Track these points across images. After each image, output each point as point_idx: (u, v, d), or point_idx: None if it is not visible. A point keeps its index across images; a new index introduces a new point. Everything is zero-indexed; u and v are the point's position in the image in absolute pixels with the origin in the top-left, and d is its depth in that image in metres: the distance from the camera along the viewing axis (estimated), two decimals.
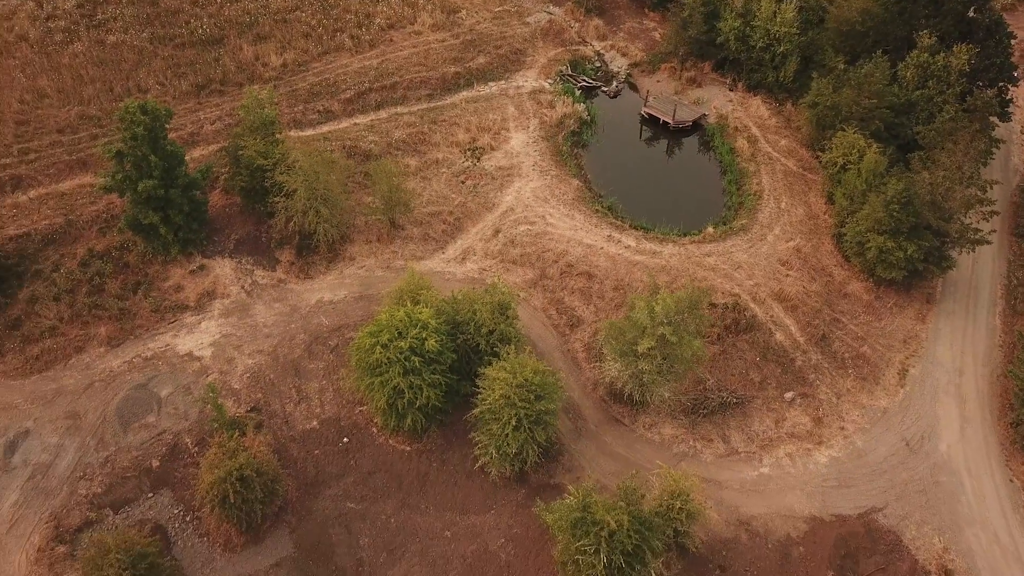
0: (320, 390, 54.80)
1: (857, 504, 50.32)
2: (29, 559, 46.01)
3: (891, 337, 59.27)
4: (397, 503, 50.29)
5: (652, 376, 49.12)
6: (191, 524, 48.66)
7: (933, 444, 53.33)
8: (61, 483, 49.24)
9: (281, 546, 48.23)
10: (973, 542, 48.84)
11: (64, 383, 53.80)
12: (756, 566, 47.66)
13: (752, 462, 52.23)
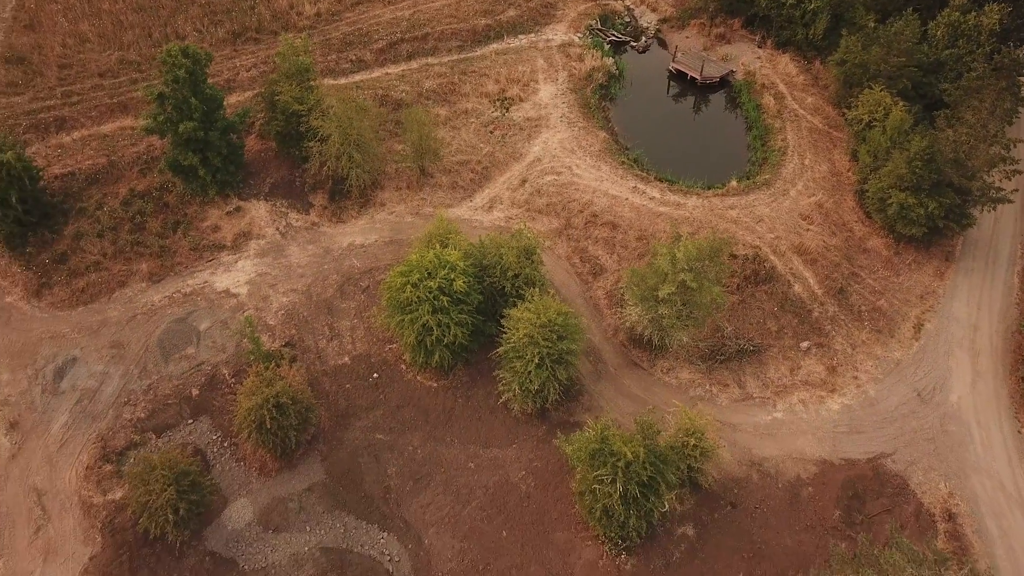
0: (351, 328, 57.02)
1: (866, 449, 51.99)
2: (78, 475, 48.96)
3: (908, 292, 60.32)
4: (423, 435, 52.66)
5: (672, 321, 50.73)
6: (228, 450, 51.39)
7: (944, 395, 54.67)
8: (107, 407, 52.04)
9: (313, 472, 50.87)
10: (978, 488, 50.42)
11: (108, 315, 56.42)
12: (766, 504, 49.63)
13: (766, 407, 53.95)
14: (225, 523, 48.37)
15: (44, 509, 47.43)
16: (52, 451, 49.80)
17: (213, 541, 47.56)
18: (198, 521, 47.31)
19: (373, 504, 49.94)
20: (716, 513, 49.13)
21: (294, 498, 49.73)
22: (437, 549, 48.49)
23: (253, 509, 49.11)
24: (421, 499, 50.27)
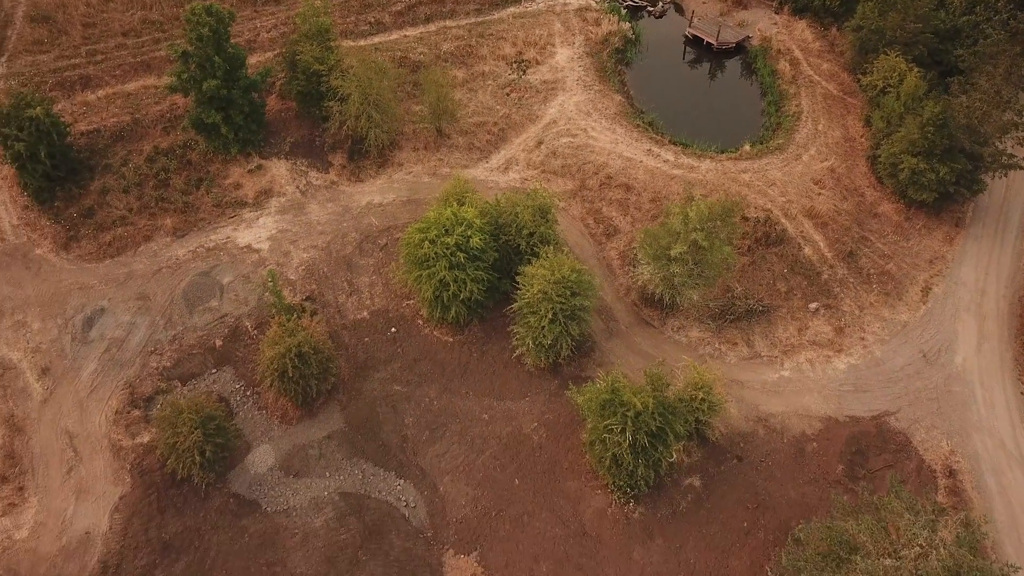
0: (370, 284, 58.52)
1: (871, 407, 53.27)
2: (108, 420, 50.91)
3: (918, 257, 61.18)
4: (439, 388, 54.30)
5: (683, 279, 51.92)
6: (251, 398, 53.20)
7: (949, 357, 55.77)
8: (134, 356, 53.88)
9: (333, 421, 52.65)
10: (979, 447, 51.69)
11: (134, 268, 58.08)
12: (771, 458, 51.11)
13: (774, 365, 55.23)
14: (248, 467, 50.29)
15: (75, 451, 49.45)
16: (82, 396, 51.73)
17: (237, 484, 49.52)
18: (223, 464, 49.25)
19: (390, 452, 51.73)
20: (722, 466, 50.67)
21: (314, 445, 51.56)
22: (452, 496, 50.30)
23: (275, 455, 50.99)
24: (436, 448, 52.00)
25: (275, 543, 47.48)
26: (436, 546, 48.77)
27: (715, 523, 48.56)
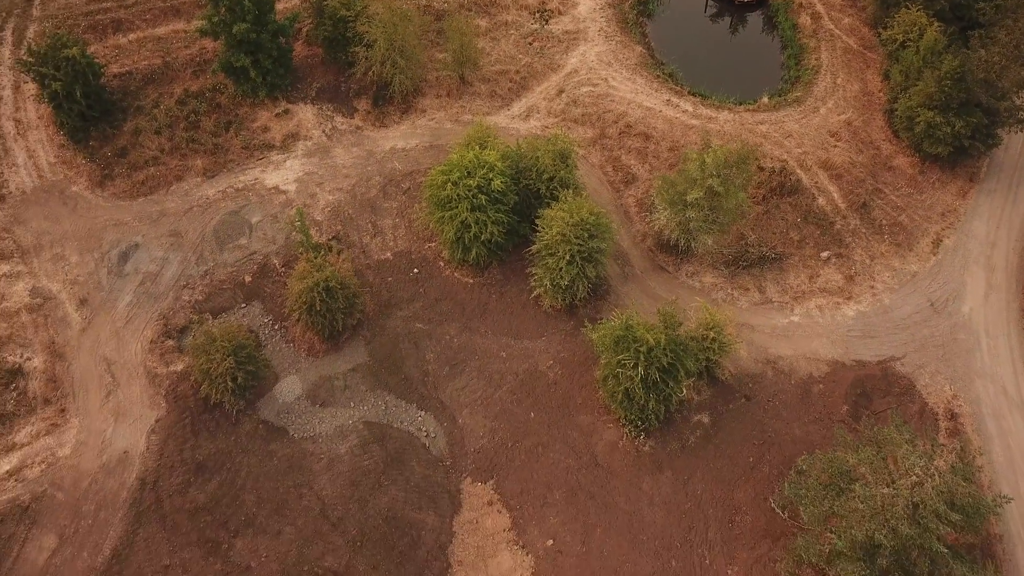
0: (393, 226, 60.34)
1: (877, 352, 54.89)
2: (143, 348, 53.36)
3: (930, 210, 62.21)
4: (459, 326, 56.33)
5: (698, 224, 53.40)
6: (279, 332, 55.47)
7: (957, 306, 57.13)
8: (167, 290, 56.16)
9: (358, 355, 54.88)
10: (981, 392, 53.31)
11: (167, 206, 60.12)
12: (779, 398, 52.98)
13: (784, 311, 56.84)
14: (276, 396, 52.71)
15: (113, 377, 52.00)
16: (119, 326, 54.16)
17: (265, 411, 52.00)
18: (252, 392, 51.70)
19: (412, 385, 53.99)
20: (731, 404, 52.61)
21: (339, 377, 53.86)
22: (470, 427, 52.62)
23: (302, 385, 53.36)
24: (456, 383, 54.21)
25: (302, 467, 50.03)
26: (454, 474, 51.20)
27: (722, 458, 50.64)
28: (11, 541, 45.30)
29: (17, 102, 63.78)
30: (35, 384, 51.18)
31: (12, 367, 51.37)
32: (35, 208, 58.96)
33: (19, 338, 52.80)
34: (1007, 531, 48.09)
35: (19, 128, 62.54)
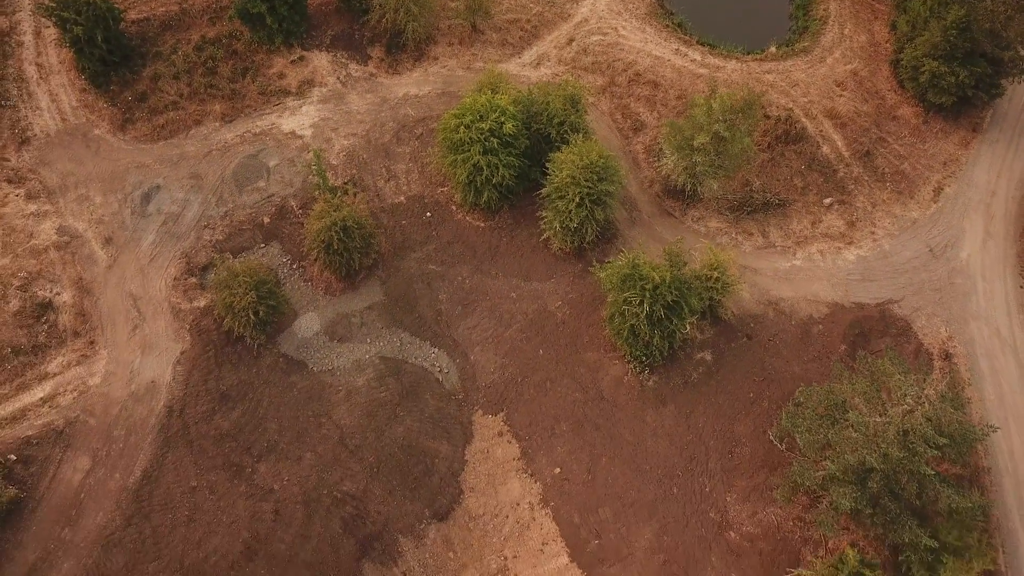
0: (407, 171, 61.91)
1: (876, 295, 56.65)
2: (167, 285, 55.40)
3: (932, 159, 63.46)
4: (471, 268, 58.20)
5: (704, 168, 54.86)
6: (297, 272, 57.41)
7: (955, 252, 58.72)
8: (189, 230, 58.02)
9: (373, 294, 56.86)
10: (975, 334, 55.14)
11: (186, 150, 61.72)
12: (779, 338, 54.90)
13: (786, 255, 58.53)
14: (296, 332, 54.83)
15: (139, 311, 54.14)
16: (143, 264, 56.16)
17: (286, 346, 54.16)
18: (273, 327, 53.80)
19: (426, 324, 56.03)
20: (733, 343, 54.57)
21: (356, 315, 55.91)
22: (481, 363, 54.76)
23: (320, 322, 55.45)
24: (468, 322, 56.23)
25: (321, 397, 52.33)
26: (466, 407, 53.48)
27: (723, 393, 52.74)
28: (47, 462, 47.80)
29: (39, 47, 65.09)
30: (65, 317, 53.35)
31: (43, 301, 53.49)
32: (59, 150, 60.63)
33: (48, 274, 54.85)
34: (994, 464, 50.26)
35: (41, 73, 63.95)
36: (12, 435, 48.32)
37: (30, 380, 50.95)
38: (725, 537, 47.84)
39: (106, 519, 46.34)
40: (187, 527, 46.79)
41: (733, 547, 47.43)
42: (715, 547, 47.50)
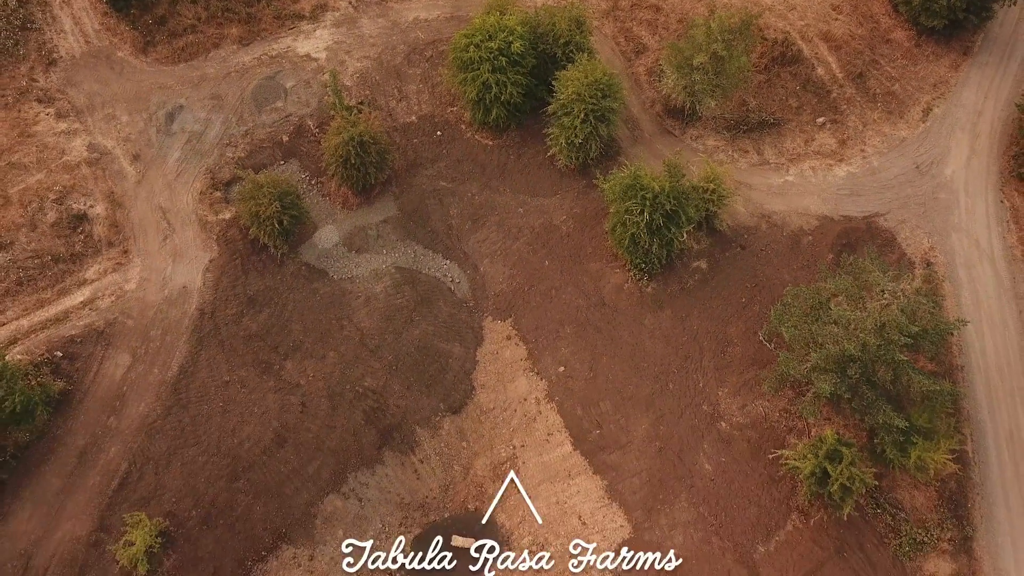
0: (418, 92, 64.58)
1: (863, 209, 59.88)
2: (194, 199, 58.62)
3: (923, 81, 66.02)
4: (480, 185, 61.32)
5: (703, 87, 57.57)
6: (315, 187, 60.56)
7: (940, 169, 61.73)
8: (212, 147, 60.99)
9: (388, 208, 60.10)
10: (956, 244, 58.52)
11: (206, 71, 64.30)
12: (771, 248, 58.28)
13: (780, 171, 61.57)
14: (316, 243, 58.21)
15: (169, 223, 57.48)
16: (170, 179, 59.30)
17: (307, 255, 57.60)
18: (295, 237, 57.06)
19: (438, 237, 59.38)
20: (727, 252, 58.00)
21: (372, 227, 59.23)
22: (490, 274, 58.28)
23: (339, 234, 58.78)
24: (478, 236, 59.57)
25: (342, 302, 55.99)
26: (477, 313, 57.16)
27: (717, 298, 56.37)
28: (91, 359, 51.69)
29: None
30: (99, 228, 56.72)
31: (78, 213, 56.78)
32: (85, 72, 63.24)
33: (81, 188, 58.04)
34: (967, 362, 54.11)
35: None
36: (57, 335, 52.09)
37: (70, 286, 54.54)
38: (716, 427, 51.95)
39: (147, 409, 50.37)
40: (222, 417, 50.87)
41: (723, 436, 51.56)
42: (707, 436, 51.64)
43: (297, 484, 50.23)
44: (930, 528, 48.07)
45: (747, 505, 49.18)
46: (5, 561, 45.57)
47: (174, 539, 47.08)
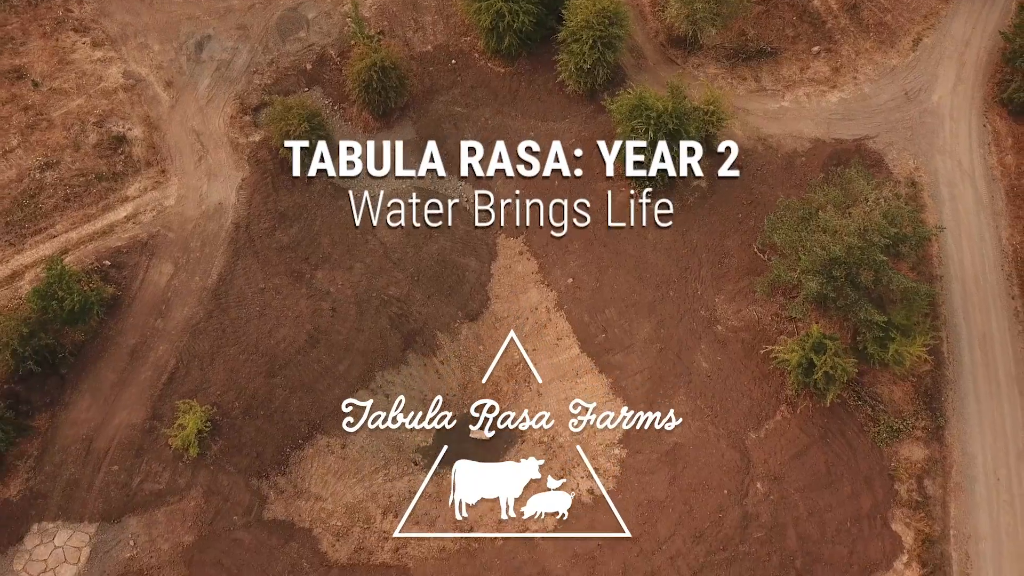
0: (433, 22, 67.91)
1: (854, 132, 63.63)
2: (225, 123, 62.42)
3: (914, 12, 69.18)
4: (493, 110, 64.98)
5: (704, 15, 61.02)
6: (338, 112, 64.25)
7: (927, 95, 65.31)
8: (240, 74, 64.55)
9: (405, 131, 63.88)
10: (940, 165, 62.41)
11: (232, 3, 67.43)
12: (766, 168, 62.16)
13: (776, 97, 65.20)
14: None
15: (202, 144, 61.35)
16: (202, 104, 63.03)
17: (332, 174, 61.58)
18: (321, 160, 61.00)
19: (453, 159, 63.23)
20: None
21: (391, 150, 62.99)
22: (502, 193, 62.28)
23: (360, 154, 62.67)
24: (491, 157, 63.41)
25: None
26: (491, 231, 61.34)
27: (715, 215, 60.49)
28: (137, 268, 56.06)
29: None
30: (138, 150, 60.64)
31: (117, 135, 60.64)
32: (116, 3, 66.53)
33: (119, 112, 61.80)
34: (946, 272, 58.26)
35: None
36: (105, 246, 56.38)
37: (113, 202, 58.66)
38: (713, 330, 56.48)
39: (190, 312, 54.87)
40: (259, 320, 55.40)
41: (719, 337, 56.13)
42: (704, 337, 56.21)
43: (329, 381, 54.96)
44: (906, 418, 52.82)
45: (740, 398, 53.92)
46: (69, 444, 50.47)
47: (219, 427, 51.90)
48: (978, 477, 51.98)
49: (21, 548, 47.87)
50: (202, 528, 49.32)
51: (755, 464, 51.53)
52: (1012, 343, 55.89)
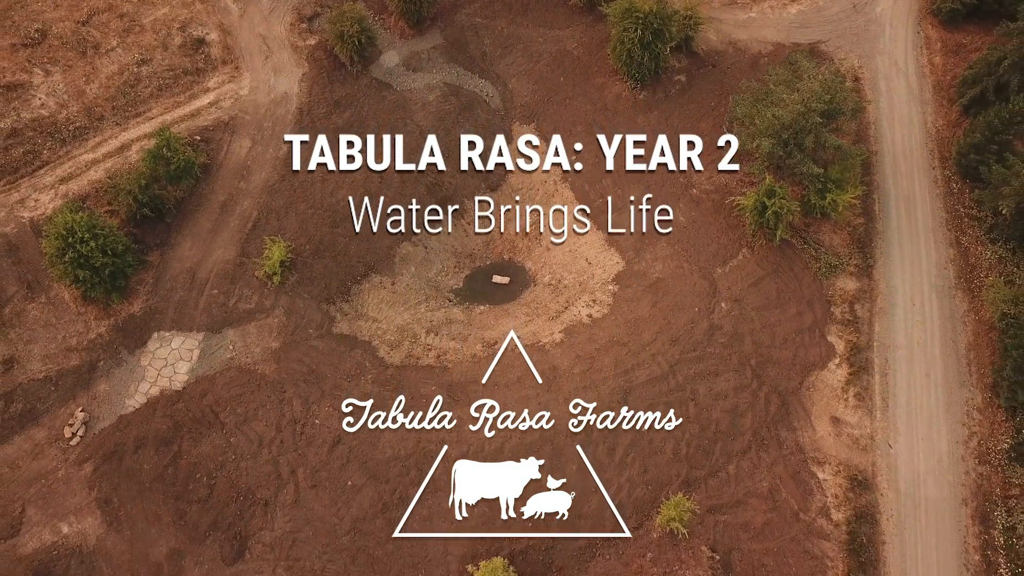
0: None
1: (809, 38, 76.37)
2: (285, 29, 74.92)
3: None
4: (508, 21, 77.57)
5: None
6: (379, 21, 76.66)
7: (872, 7, 77.95)
8: None
9: (435, 38, 76.47)
10: (879, 64, 75.27)
11: None
12: (736, 67, 74.96)
13: (745, 9, 77.87)
14: (381, 63, 74.68)
15: (268, 47, 73.86)
16: (265, 14, 75.48)
17: (375, 72, 74.14)
18: (366, 59, 73.57)
19: (475, 62, 75.96)
20: (701, 69, 74.77)
21: (424, 52, 75.67)
22: (517, 89, 75.09)
23: (398, 57, 75.21)
24: (507, 60, 76.15)
25: (405, 107, 72.88)
26: (507, 119, 74.21)
27: (693, 103, 73.39)
28: (221, 142, 68.81)
29: None
30: (215, 50, 73.18)
31: (199, 37, 73.16)
32: None
33: (198, 19, 74.26)
34: (880, 148, 71.30)
35: None
36: (194, 125, 69.08)
37: (198, 92, 71.31)
38: (689, 192, 69.65)
39: (267, 176, 67.76)
40: (322, 183, 68.32)
41: (694, 198, 69.22)
42: (682, 198, 69.27)
43: (380, 233, 68.12)
44: (843, 257, 66.12)
45: (709, 243, 67.19)
46: (177, 274, 63.57)
47: (295, 263, 65.03)
48: (898, 303, 65.31)
49: (146, 350, 61.10)
50: (285, 337, 62.57)
51: (720, 290, 64.88)
52: (931, 203, 69.10)
